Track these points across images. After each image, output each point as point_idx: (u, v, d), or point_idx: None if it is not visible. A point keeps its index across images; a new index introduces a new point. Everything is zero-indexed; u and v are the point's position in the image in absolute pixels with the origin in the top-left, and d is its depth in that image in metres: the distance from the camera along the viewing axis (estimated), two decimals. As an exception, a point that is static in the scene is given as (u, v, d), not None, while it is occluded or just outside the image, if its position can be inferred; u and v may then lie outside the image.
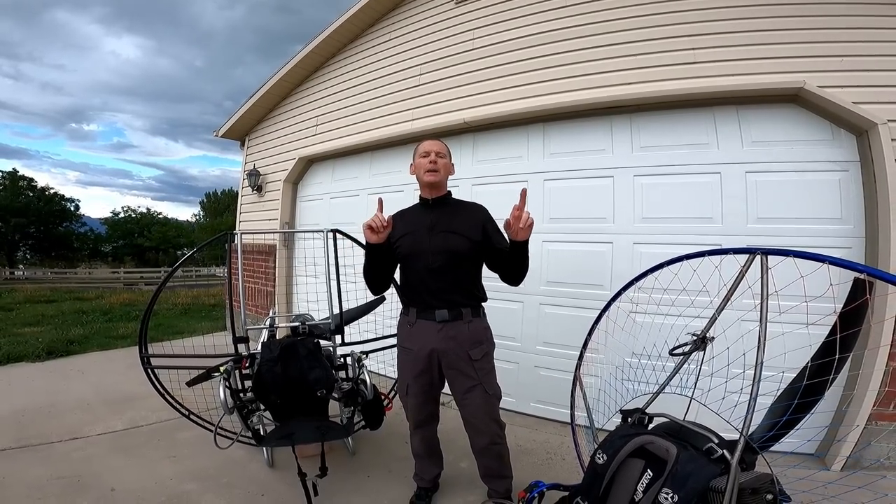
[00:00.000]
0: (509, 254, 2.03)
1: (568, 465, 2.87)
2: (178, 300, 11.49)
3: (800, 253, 1.44)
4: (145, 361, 2.82)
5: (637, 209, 3.32)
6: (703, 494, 1.30)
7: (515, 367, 3.78)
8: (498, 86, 3.92)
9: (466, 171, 4.11)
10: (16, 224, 35.44)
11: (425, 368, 2.17)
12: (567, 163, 3.64)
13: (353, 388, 2.67)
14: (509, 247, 2.02)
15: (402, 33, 4.71)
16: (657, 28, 3.25)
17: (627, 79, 3.31)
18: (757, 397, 1.36)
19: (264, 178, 6.34)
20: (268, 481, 2.66)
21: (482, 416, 2.16)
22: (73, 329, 7.02)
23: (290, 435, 2.41)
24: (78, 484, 2.53)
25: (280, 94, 6.13)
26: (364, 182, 5.09)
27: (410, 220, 2.21)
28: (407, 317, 2.24)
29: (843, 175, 2.84)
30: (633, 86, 3.28)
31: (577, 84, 3.51)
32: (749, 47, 2.98)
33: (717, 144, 3.13)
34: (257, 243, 6.40)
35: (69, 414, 3.53)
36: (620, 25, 3.38)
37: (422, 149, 2.21)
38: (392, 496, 2.52)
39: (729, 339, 1.84)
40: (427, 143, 2.23)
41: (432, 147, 2.19)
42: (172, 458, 2.88)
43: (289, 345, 2.58)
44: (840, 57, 2.77)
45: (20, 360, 5.08)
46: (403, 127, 4.51)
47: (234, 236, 3.04)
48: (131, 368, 4.26)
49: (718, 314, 1.80)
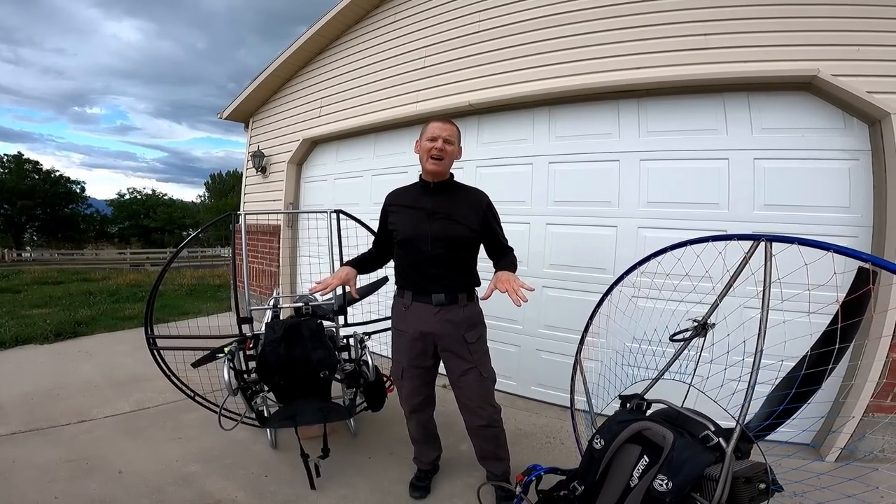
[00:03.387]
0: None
1: (567, 450, 2.90)
2: (183, 281, 11.60)
3: (804, 240, 1.42)
4: (151, 343, 2.85)
5: (642, 193, 3.30)
6: (697, 482, 1.31)
7: (517, 350, 3.80)
8: (504, 68, 3.86)
9: (471, 154, 4.07)
10: (22, 206, 35.77)
11: (421, 351, 2.16)
12: (573, 146, 3.60)
13: (356, 370, 2.69)
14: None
15: (407, 15, 4.63)
16: (668, 13, 3.17)
17: (636, 63, 3.25)
18: (755, 385, 1.36)
19: (268, 160, 6.33)
20: (271, 462, 2.70)
21: (477, 399, 2.17)
22: (81, 310, 7.08)
23: (294, 416, 2.45)
24: (86, 466, 2.58)
25: (284, 75, 6.07)
26: (368, 163, 5.07)
27: (410, 203, 2.16)
28: (402, 299, 2.21)
29: (853, 164, 2.80)
30: (643, 70, 3.22)
31: (585, 68, 3.45)
32: (762, 34, 2.91)
33: (725, 130, 3.08)
34: (261, 224, 6.43)
35: (77, 396, 3.58)
36: (631, 9, 3.30)
37: (430, 131, 2.06)
38: (393, 477, 2.56)
39: (730, 326, 1.84)
40: (437, 125, 2.07)
41: (441, 132, 2.04)
42: (178, 440, 2.93)
43: (292, 325, 2.60)
44: (856, 46, 2.70)
45: (28, 342, 5.14)
46: (408, 109, 4.47)
47: (238, 217, 3.04)
48: (138, 350, 4.31)
49: (720, 300, 1.79)
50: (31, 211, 37.04)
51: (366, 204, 4.89)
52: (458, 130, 2.13)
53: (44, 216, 38.58)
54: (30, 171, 37.91)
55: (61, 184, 39.59)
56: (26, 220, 37.79)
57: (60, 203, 39.56)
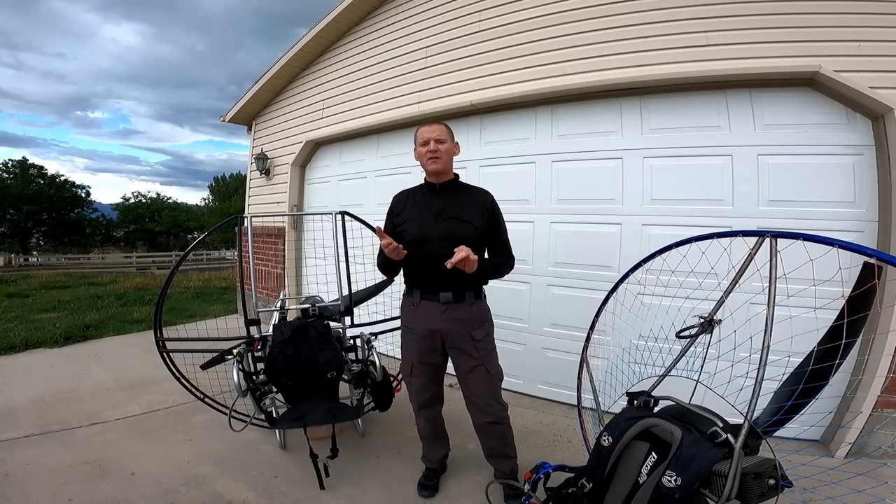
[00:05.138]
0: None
1: (574, 448, 2.91)
2: (190, 284, 11.64)
3: (809, 236, 1.42)
4: (161, 345, 2.88)
5: (646, 191, 3.30)
6: (706, 478, 1.32)
7: (523, 349, 3.81)
8: (505, 68, 3.87)
9: (474, 153, 4.09)
10: (28, 211, 35.93)
11: (429, 348, 2.20)
12: (575, 144, 3.61)
13: (363, 370, 2.71)
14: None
15: (409, 15, 4.64)
16: (669, 10, 3.17)
17: (638, 61, 3.25)
18: (763, 381, 1.36)
19: (272, 162, 6.36)
20: (281, 463, 2.72)
21: (484, 395, 2.19)
22: (89, 314, 7.13)
23: (302, 417, 2.46)
24: (99, 469, 2.60)
25: (286, 77, 6.09)
26: (371, 164, 5.09)
27: (416, 204, 2.21)
28: (410, 297, 2.26)
29: (857, 159, 2.79)
30: (644, 68, 3.22)
31: (587, 66, 3.45)
32: (764, 31, 2.91)
33: (728, 127, 3.08)
34: (266, 226, 6.45)
35: (88, 399, 3.62)
36: (632, 7, 3.30)
37: (420, 137, 2.17)
38: (401, 476, 2.57)
39: (736, 323, 1.84)
40: (424, 130, 2.16)
41: (430, 134, 2.12)
42: (189, 442, 2.95)
43: (299, 327, 2.62)
44: (857, 42, 2.70)
45: (38, 346, 5.18)
46: (410, 109, 4.48)
47: (243, 220, 3.06)
48: (147, 352, 4.35)
49: (726, 297, 1.79)
50: (37, 216, 37.20)
51: (370, 205, 4.91)
52: (447, 128, 2.19)
53: (50, 221, 38.73)
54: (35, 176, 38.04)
55: (66, 188, 39.72)
56: (32, 225, 37.96)
57: (66, 208, 39.70)
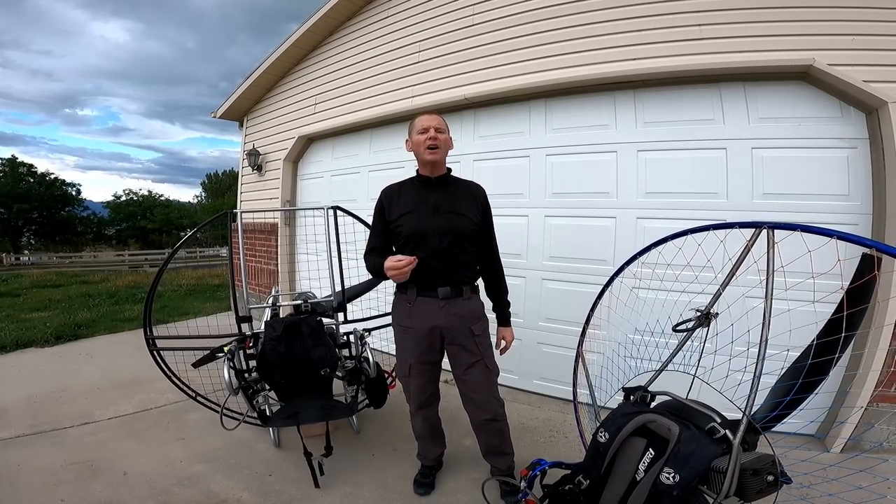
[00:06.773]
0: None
1: (571, 443, 2.91)
2: (182, 281, 11.56)
3: (807, 227, 1.40)
4: (151, 344, 2.84)
5: (641, 184, 3.28)
6: (704, 474, 1.30)
7: (518, 344, 3.76)
8: (499, 61, 3.83)
9: (468, 147, 4.06)
10: (18, 210, 35.58)
11: (428, 346, 2.14)
12: (570, 138, 3.58)
13: (357, 367, 2.68)
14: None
15: (401, 9, 4.59)
16: (664, 3, 3.14)
17: (632, 54, 3.22)
18: (760, 376, 1.34)
19: (264, 158, 6.30)
20: (275, 461, 2.70)
21: (483, 392, 2.16)
22: (81, 313, 7.07)
23: (296, 415, 2.44)
24: (91, 469, 2.57)
25: (277, 73, 6.02)
26: (364, 159, 5.05)
27: (411, 199, 2.13)
28: (405, 295, 2.16)
29: (851, 152, 2.79)
30: (638, 61, 3.20)
31: (581, 59, 3.43)
32: (758, 24, 2.89)
33: (723, 120, 3.07)
34: (259, 222, 6.40)
35: (80, 398, 3.58)
36: (626, 0, 3.27)
37: (419, 124, 2.09)
38: (397, 474, 2.55)
39: (733, 316, 1.82)
40: (424, 118, 2.11)
41: (430, 122, 2.07)
42: (182, 441, 2.92)
43: (292, 323, 2.59)
44: (850, 35, 2.69)
45: (29, 345, 5.13)
46: (403, 104, 4.44)
47: (235, 215, 3.02)
48: (139, 351, 4.29)
49: (723, 290, 1.77)
50: (27, 214, 36.85)
51: (363, 200, 4.87)
52: (444, 120, 2.16)
53: (40, 219, 38.38)
54: (24, 174, 37.61)
55: (57, 186, 39.33)
56: (23, 223, 37.60)
57: (57, 206, 39.33)
